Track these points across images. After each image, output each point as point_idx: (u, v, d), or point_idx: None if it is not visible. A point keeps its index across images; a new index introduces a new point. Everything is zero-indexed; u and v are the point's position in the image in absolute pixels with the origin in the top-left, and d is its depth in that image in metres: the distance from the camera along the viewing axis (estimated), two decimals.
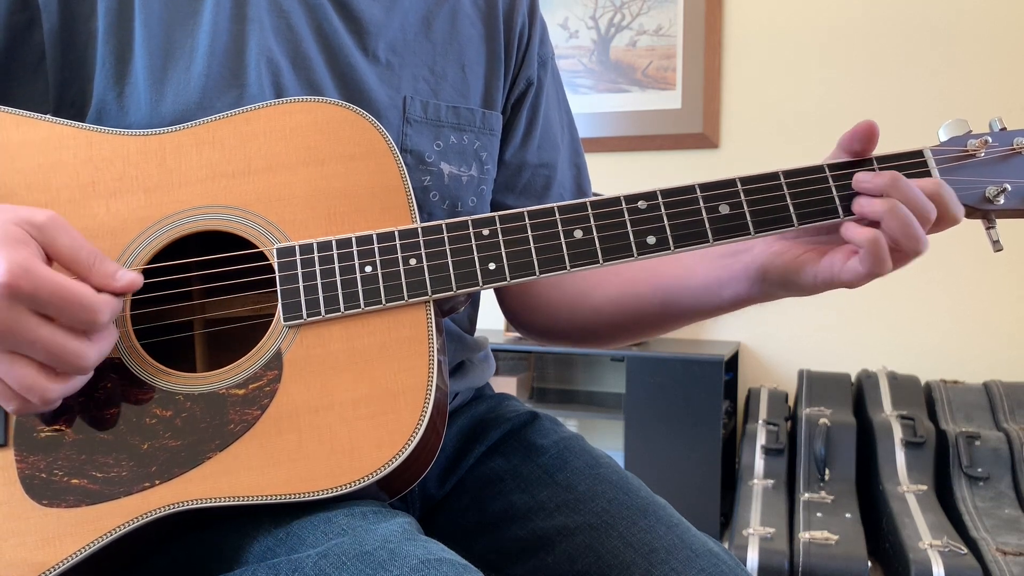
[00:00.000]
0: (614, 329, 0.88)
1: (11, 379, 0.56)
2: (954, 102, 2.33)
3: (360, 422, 0.62)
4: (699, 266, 0.78)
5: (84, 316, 0.56)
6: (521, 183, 0.92)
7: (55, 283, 0.55)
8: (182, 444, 0.62)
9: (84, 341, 0.57)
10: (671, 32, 2.60)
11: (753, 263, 0.73)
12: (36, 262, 0.54)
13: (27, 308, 0.54)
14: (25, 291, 0.53)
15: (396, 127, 0.78)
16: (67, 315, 0.55)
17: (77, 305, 0.55)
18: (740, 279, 0.74)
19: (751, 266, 0.73)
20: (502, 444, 0.86)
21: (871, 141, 0.68)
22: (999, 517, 1.91)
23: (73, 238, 0.58)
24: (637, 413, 2.31)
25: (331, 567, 0.56)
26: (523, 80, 0.90)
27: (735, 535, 1.92)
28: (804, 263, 0.69)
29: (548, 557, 0.74)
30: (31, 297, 0.54)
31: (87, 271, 0.58)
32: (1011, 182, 0.68)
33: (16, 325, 0.54)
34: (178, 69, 0.71)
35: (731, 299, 0.76)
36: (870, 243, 0.64)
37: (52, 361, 0.56)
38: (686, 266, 0.80)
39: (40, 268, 0.54)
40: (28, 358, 0.56)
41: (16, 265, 0.53)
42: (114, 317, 0.59)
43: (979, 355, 2.35)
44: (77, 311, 0.56)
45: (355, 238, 0.66)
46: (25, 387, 0.56)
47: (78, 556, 0.60)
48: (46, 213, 0.57)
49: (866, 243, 0.64)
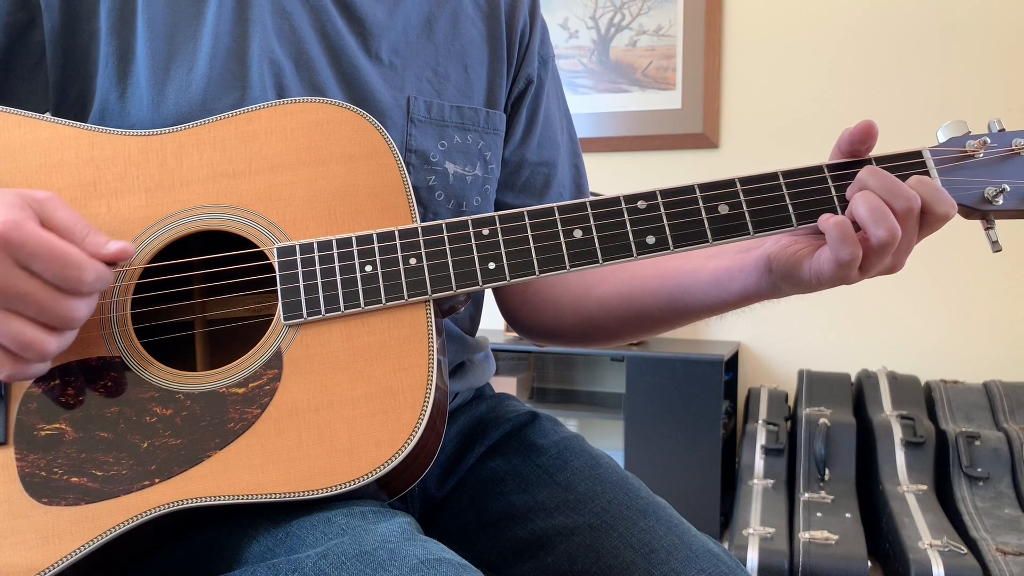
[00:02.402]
0: (619, 324, 0.87)
1: (7, 337, 0.56)
2: (954, 102, 2.33)
3: (360, 421, 0.62)
4: (710, 259, 0.78)
5: (71, 272, 0.57)
6: (520, 181, 0.92)
7: (44, 238, 0.56)
8: (182, 443, 0.62)
9: (71, 298, 0.58)
10: (671, 32, 2.60)
11: (763, 254, 0.73)
12: (28, 221, 0.56)
13: (16, 263, 0.55)
14: (15, 242, 0.55)
15: (400, 127, 0.79)
16: (54, 271, 0.56)
17: (64, 259, 0.57)
18: (749, 271, 0.74)
19: (760, 257, 0.73)
20: (502, 444, 0.86)
21: (870, 140, 0.68)
22: (999, 517, 1.91)
23: (70, 213, 0.60)
24: (637, 413, 2.31)
25: (331, 567, 0.56)
26: (523, 78, 0.90)
27: (735, 535, 1.92)
28: (802, 257, 0.69)
29: (548, 557, 0.75)
30: (20, 249, 0.55)
31: (80, 240, 0.59)
32: (1010, 183, 0.68)
33: (7, 278, 0.55)
34: (180, 70, 0.71)
35: (739, 293, 0.75)
36: (834, 227, 0.64)
37: (43, 316, 0.57)
38: (696, 260, 0.79)
39: (31, 225, 0.56)
40: (21, 315, 0.56)
41: (9, 220, 0.55)
42: (102, 285, 0.60)
43: (979, 355, 2.35)
44: (64, 267, 0.57)
45: (355, 237, 0.67)
46: (23, 343, 0.57)
47: (77, 555, 0.60)
48: (47, 192, 0.59)
49: (830, 228, 0.64)
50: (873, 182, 0.65)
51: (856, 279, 0.67)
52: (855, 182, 0.67)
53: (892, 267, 0.68)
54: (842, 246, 0.64)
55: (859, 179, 0.66)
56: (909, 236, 0.66)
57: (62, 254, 0.56)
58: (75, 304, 0.58)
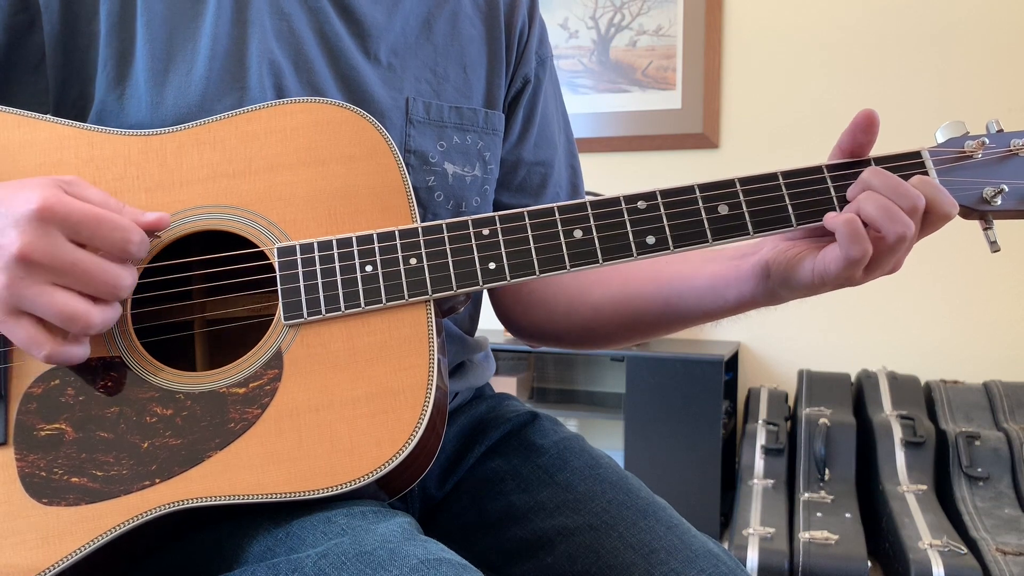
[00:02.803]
0: (613, 328, 0.87)
1: (53, 310, 0.57)
2: (953, 103, 2.33)
3: (360, 421, 0.62)
4: (706, 265, 0.78)
5: (118, 235, 0.58)
6: (517, 180, 0.92)
7: (88, 207, 0.58)
8: (182, 443, 0.62)
9: (118, 265, 0.59)
10: (671, 32, 2.60)
11: (759, 261, 0.73)
12: (66, 195, 0.57)
13: (62, 233, 0.56)
14: (59, 213, 0.56)
15: (399, 128, 0.79)
16: (100, 237, 0.58)
17: (110, 225, 0.58)
18: (746, 278, 0.74)
19: (757, 264, 0.73)
20: (502, 444, 0.86)
21: (872, 129, 0.68)
22: (999, 517, 1.91)
23: (100, 191, 0.61)
24: (637, 413, 2.31)
25: (331, 567, 0.56)
26: (521, 78, 0.90)
27: (735, 535, 1.92)
28: (803, 258, 0.69)
29: (548, 557, 0.75)
30: (64, 219, 0.56)
31: (118, 211, 0.61)
32: (1008, 183, 0.68)
33: (53, 248, 0.56)
34: (179, 72, 0.71)
35: (735, 300, 0.76)
36: (844, 224, 0.64)
37: (90, 286, 0.58)
38: (692, 265, 0.79)
39: (71, 198, 0.57)
40: (66, 288, 0.57)
41: (50, 193, 0.56)
42: (145, 250, 0.61)
43: (979, 355, 2.35)
44: (111, 232, 0.58)
45: (356, 238, 0.67)
46: (68, 315, 0.57)
47: (77, 555, 0.60)
48: (73, 175, 0.61)
49: (840, 225, 0.64)
50: (878, 182, 0.65)
51: (860, 280, 0.68)
52: (858, 182, 0.67)
53: (893, 267, 0.68)
54: (853, 243, 0.64)
55: (862, 179, 0.66)
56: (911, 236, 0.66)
57: (108, 219, 0.58)
58: (122, 272, 0.59)
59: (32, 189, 0.56)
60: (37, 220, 0.55)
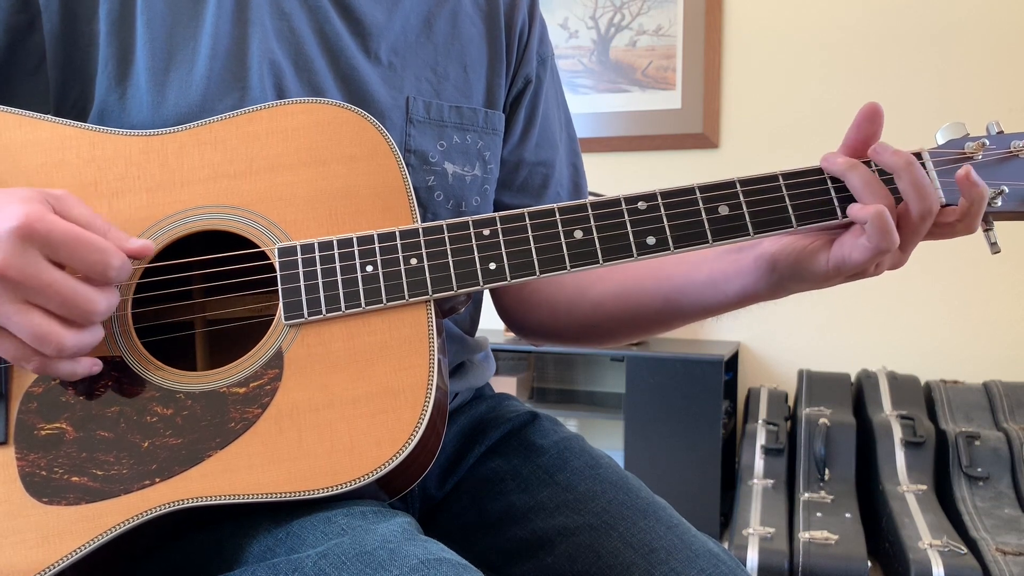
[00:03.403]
0: (614, 325, 0.87)
1: (25, 330, 0.56)
2: (953, 103, 2.33)
3: (360, 421, 0.62)
4: (705, 261, 0.78)
5: (97, 258, 0.57)
6: (518, 180, 0.92)
7: (70, 227, 0.57)
8: (183, 442, 0.62)
9: (94, 288, 0.58)
10: (671, 32, 2.60)
11: (763, 255, 0.73)
12: (50, 213, 0.57)
13: (40, 252, 0.56)
14: (40, 232, 0.55)
15: (400, 128, 0.79)
16: (79, 259, 0.57)
17: (90, 247, 0.57)
18: (748, 272, 0.74)
19: (761, 258, 0.73)
20: (502, 444, 0.86)
21: (877, 120, 0.68)
22: (999, 517, 1.91)
23: (88, 210, 0.60)
24: (637, 413, 2.31)
25: (331, 567, 0.56)
26: (522, 78, 0.90)
27: (735, 535, 1.92)
28: (816, 250, 0.69)
29: (548, 557, 0.75)
30: (45, 239, 0.55)
31: (103, 234, 0.60)
32: (1008, 184, 0.68)
33: (29, 268, 0.55)
34: (180, 71, 0.71)
35: (737, 294, 0.75)
36: (875, 216, 0.64)
37: (64, 308, 0.57)
38: (691, 261, 0.79)
39: (54, 216, 0.57)
40: (41, 308, 0.57)
41: (32, 211, 0.55)
42: (126, 275, 0.60)
43: (979, 355, 2.35)
44: (90, 254, 0.57)
45: (356, 238, 0.67)
46: (39, 336, 0.57)
47: (77, 554, 0.60)
48: (62, 190, 0.60)
49: (871, 216, 0.64)
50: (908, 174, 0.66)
51: (872, 273, 0.68)
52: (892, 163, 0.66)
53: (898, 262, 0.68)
54: (884, 234, 0.64)
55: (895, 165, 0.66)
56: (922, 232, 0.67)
57: (89, 240, 0.57)
58: (97, 296, 0.58)
59: (17, 204, 0.55)
60: (16, 238, 0.54)
